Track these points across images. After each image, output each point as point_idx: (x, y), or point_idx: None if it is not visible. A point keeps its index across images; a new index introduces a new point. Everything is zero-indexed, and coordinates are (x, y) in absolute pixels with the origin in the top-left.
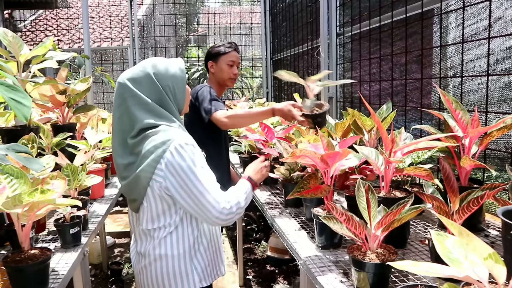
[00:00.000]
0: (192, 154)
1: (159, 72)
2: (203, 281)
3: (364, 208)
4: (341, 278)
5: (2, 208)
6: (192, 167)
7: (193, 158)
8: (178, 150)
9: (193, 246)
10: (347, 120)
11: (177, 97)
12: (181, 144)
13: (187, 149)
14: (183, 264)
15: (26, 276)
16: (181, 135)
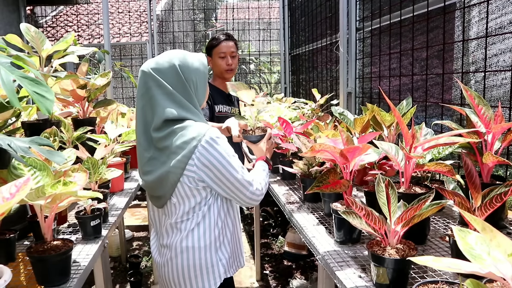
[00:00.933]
0: (224, 145)
1: (184, 65)
2: (227, 272)
3: (384, 203)
4: (360, 273)
5: (26, 199)
6: (226, 157)
7: (225, 149)
8: (211, 143)
9: (218, 237)
10: (366, 116)
11: (199, 92)
12: (212, 138)
13: (219, 142)
14: (209, 255)
15: (49, 266)
16: (209, 129)
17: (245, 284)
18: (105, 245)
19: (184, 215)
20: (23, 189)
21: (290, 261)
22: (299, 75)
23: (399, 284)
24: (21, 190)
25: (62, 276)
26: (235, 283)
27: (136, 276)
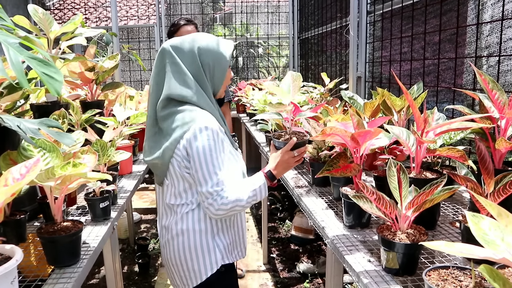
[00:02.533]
0: (208, 139)
1: (203, 47)
2: (225, 258)
3: (395, 187)
4: (369, 258)
5: (36, 181)
6: (206, 151)
7: (209, 143)
8: (196, 133)
9: (216, 223)
10: (377, 100)
11: (215, 78)
12: (201, 128)
13: (204, 133)
14: (205, 240)
15: (59, 247)
16: (204, 118)
17: (252, 267)
18: (114, 227)
19: (173, 197)
20: (33, 170)
21: (297, 245)
22: (307, 59)
23: (408, 269)
24: (31, 171)
25: (72, 257)
26: (242, 266)
27: (144, 258)
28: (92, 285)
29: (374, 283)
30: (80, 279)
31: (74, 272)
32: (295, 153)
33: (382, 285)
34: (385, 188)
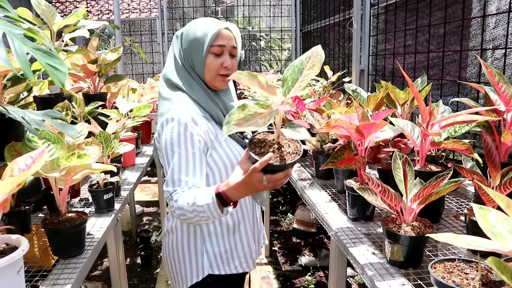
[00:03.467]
0: (171, 132)
1: (184, 33)
2: (214, 268)
3: (400, 180)
4: (374, 250)
5: (41, 171)
6: (167, 144)
7: (171, 136)
8: (163, 125)
9: (207, 226)
10: (380, 93)
11: (195, 66)
12: (167, 119)
13: (170, 125)
14: (193, 243)
15: (64, 237)
16: (177, 108)
17: None
18: (118, 218)
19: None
20: (38, 160)
21: (298, 238)
22: None
23: (413, 261)
24: (37, 161)
25: (77, 248)
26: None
27: (146, 250)
28: (95, 276)
29: (379, 275)
30: (85, 270)
31: (79, 263)
32: (265, 181)
33: (387, 278)
34: (389, 181)
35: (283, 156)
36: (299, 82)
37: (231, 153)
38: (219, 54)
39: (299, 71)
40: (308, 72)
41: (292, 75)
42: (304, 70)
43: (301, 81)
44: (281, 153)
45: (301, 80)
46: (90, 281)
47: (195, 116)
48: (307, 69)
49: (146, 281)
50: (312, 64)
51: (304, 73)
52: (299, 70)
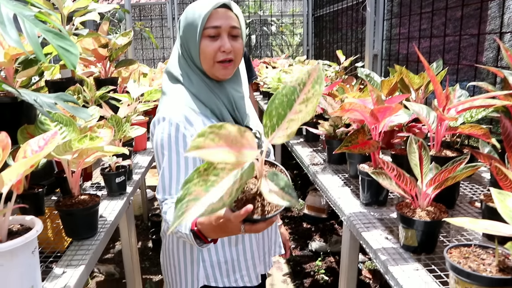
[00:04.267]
0: (162, 132)
1: (180, 18)
2: (211, 279)
3: (415, 164)
4: (387, 235)
5: (54, 154)
6: (157, 146)
7: (162, 137)
8: (155, 124)
9: None
10: (394, 78)
11: (191, 52)
12: (159, 118)
13: (161, 125)
14: (189, 249)
15: (77, 219)
16: (168, 106)
17: None
18: (130, 201)
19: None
20: (51, 142)
21: (309, 223)
22: (322, 37)
23: (427, 247)
24: (49, 143)
25: (90, 230)
26: None
27: (157, 234)
28: (108, 259)
29: (392, 260)
30: (98, 251)
31: (92, 245)
32: (243, 230)
33: (400, 263)
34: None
35: (265, 207)
36: (287, 120)
37: None
38: (215, 36)
39: (288, 103)
40: (299, 107)
41: (278, 109)
42: (295, 103)
43: (289, 119)
44: (263, 202)
45: (289, 119)
46: (103, 263)
47: (189, 114)
48: (299, 102)
49: (157, 264)
50: (307, 97)
51: (294, 108)
52: (288, 102)
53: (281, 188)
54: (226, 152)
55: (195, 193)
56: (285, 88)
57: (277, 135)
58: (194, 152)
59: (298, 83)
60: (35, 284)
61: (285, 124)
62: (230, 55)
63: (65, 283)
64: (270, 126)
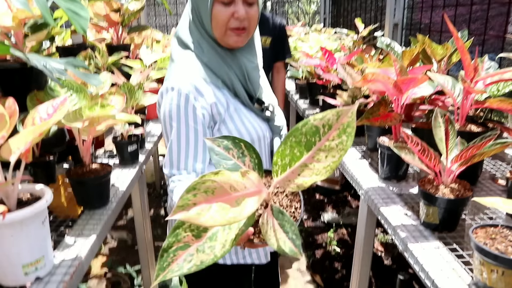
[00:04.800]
0: (171, 103)
1: None
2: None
3: (440, 139)
4: (406, 211)
5: (64, 121)
6: (165, 117)
7: (170, 108)
8: (163, 94)
9: None
10: (416, 48)
11: (203, 18)
12: (167, 88)
13: (169, 95)
14: None
15: (88, 189)
16: (177, 75)
17: None
18: (142, 170)
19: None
20: (60, 109)
21: (322, 195)
22: (339, 5)
23: (449, 225)
24: (58, 110)
25: (102, 199)
26: None
27: None
28: (120, 226)
29: (412, 237)
30: (110, 221)
31: (104, 214)
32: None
33: (420, 240)
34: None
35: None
36: (301, 165)
37: (244, 129)
38: (229, 2)
39: (306, 145)
40: (318, 155)
41: (293, 148)
42: (314, 147)
43: (303, 164)
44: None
45: (304, 164)
46: (116, 230)
47: (200, 84)
48: (320, 148)
49: None
50: (329, 146)
51: (313, 152)
52: (307, 144)
53: (285, 232)
54: (221, 209)
55: (184, 240)
56: (306, 125)
57: (286, 179)
58: (179, 214)
59: (322, 123)
60: (45, 254)
61: (298, 169)
62: (244, 23)
63: (76, 253)
64: (281, 166)
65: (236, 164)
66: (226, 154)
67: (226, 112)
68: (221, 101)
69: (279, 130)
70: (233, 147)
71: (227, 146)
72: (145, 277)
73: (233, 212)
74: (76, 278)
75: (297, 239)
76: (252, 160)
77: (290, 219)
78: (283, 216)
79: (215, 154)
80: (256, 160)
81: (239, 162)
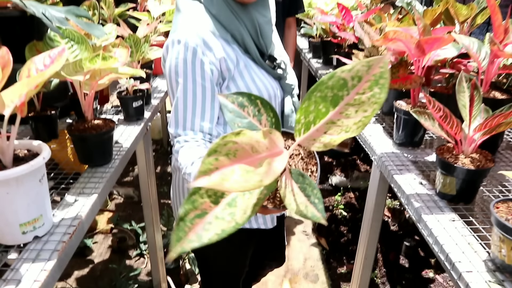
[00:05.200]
0: (177, 57)
1: None
2: None
3: (464, 105)
4: (421, 180)
5: (64, 74)
6: (171, 72)
7: (176, 62)
8: (168, 47)
9: None
10: (439, 7)
11: None
12: (173, 40)
13: (176, 48)
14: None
15: (90, 145)
16: (184, 27)
17: None
18: (148, 127)
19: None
20: (57, 60)
21: (330, 157)
22: None
23: (466, 196)
24: (56, 61)
25: (104, 156)
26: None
27: None
28: (127, 182)
29: (426, 208)
30: (112, 179)
31: (106, 172)
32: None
33: (435, 211)
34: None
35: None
36: (327, 122)
37: (254, 87)
38: None
39: (333, 100)
40: (347, 110)
41: (318, 104)
42: (342, 101)
43: (329, 121)
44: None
45: (330, 121)
46: (122, 186)
47: (208, 38)
48: (348, 102)
49: None
50: (359, 100)
51: (340, 107)
52: (333, 99)
53: (306, 196)
54: (246, 173)
55: (202, 207)
56: (332, 78)
57: (311, 137)
58: (202, 180)
59: (351, 75)
60: (44, 213)
61: (324, 127)
62: None
63: (77, 212)
64: (304, 124)
65: (251, 123)
66: (241, 111)
67: (236, 69)
68: (231, 57)
69: (291, 89)
70: (249, 104)
71: (242, 103)
72: (150, 235)
73: (259, 175)
74: (76, 238)
75: (319, 203)
76: (269, 119)
77: (312, 181)
78: (304, 179)
79: (229, 111)
80: (274, 119)
81: (255, 121)
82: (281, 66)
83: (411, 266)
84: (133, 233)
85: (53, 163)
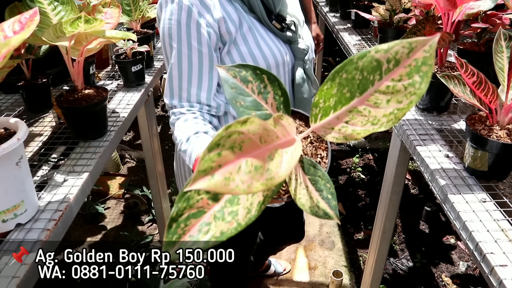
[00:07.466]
0: (170, 18)
1: None
2: None
3: (501, 68)
4: (447, 152)
5: (45, 39)
6: (164, 35)
7: (170, 23)
8: (161, 6)
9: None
10: None
11: None
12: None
13: (169, 7)
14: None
15: (81, 117)
16: None
17: None
18: (149, 93)
19: None
20: (28, 25)
21: None
22: None
23: (499, 174)
24: (26, 27)
25: (97, 129)
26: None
27: None
28: (139, 145)
29: (453, 186)
30: (106, 154)
31: (100, 147)
32: None
33: (463, 190)
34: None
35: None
36: (349, 109)
37: (259, 53)
38: None
39: (361, 83)
40: (377, 98)
41: (342, 87)
42: (371, 87)
43: (353, 109)
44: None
45: (354, 109)
46: (134, 149)
47: None
48: (379, 89)
49: None
50: (394, 87)
51: (369, 93)
52: (362, 82)
53: (318, 190)
54: (254, 169)
55: (198, 205)
56: (363, 58)
57: (329, 126)
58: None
59: (387, 57)
60: (25, 198)
61: (345, 115)
62: None
63: (65, 194)
64: (322, 108)
65: (255, 102)
66: (244, 88)
67: (238, 32)
68: (232, 17)
69: (303, 54)
70: (253, 79)
71: (245, 78)
72: (157, 205)
73: (268, 173)
74: (63, 224)
75: (333, 199)
76: (276, 97)
77: (325, 173)
78: (316, 171)
79: (230, 87)
80: (282, 98)
81: (260, 100)
82: (291, 27)
83: (432, 232)
84: (145, 198)
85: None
